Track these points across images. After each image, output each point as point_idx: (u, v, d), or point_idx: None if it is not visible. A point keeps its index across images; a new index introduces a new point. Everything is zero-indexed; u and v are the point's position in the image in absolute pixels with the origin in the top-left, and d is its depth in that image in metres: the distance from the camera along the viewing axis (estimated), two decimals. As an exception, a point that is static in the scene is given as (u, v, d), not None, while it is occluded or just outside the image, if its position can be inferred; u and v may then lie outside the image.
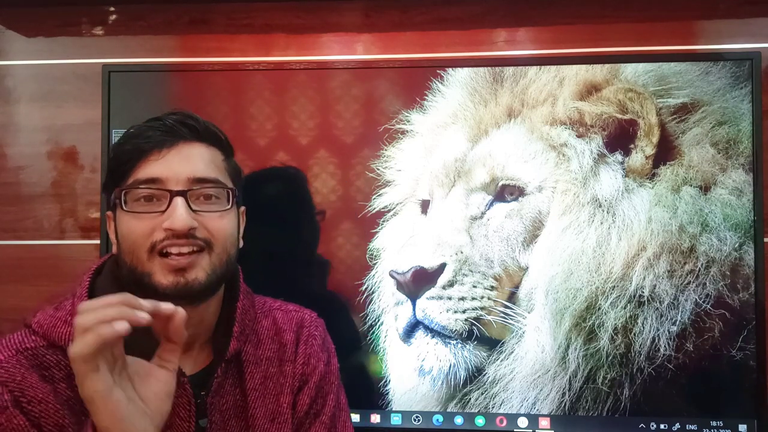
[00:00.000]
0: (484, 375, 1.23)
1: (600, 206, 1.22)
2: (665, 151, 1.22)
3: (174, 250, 0.76)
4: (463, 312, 1.22)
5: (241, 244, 0.87)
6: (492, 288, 1.22)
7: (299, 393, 0.90)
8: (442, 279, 1.22)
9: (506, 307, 1.22)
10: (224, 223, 0.81)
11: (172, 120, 0.81)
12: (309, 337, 0.93)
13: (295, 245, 1.30)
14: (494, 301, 1.22)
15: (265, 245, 1.23)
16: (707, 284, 1.20)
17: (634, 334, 1.20)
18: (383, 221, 1.27)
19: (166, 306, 0.68)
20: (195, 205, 0.78)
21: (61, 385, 0.75)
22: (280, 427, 0.87)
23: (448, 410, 1.25)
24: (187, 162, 0.79)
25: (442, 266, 1.23)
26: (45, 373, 0.75)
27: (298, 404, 0.89)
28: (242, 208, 0.89)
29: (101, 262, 0.86)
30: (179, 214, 0.75)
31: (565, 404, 1.22)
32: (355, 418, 1.25)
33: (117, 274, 0.82)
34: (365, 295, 1.27)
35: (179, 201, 0.76)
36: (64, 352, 0.76)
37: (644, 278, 1.20)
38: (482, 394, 1.23)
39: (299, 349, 0.92)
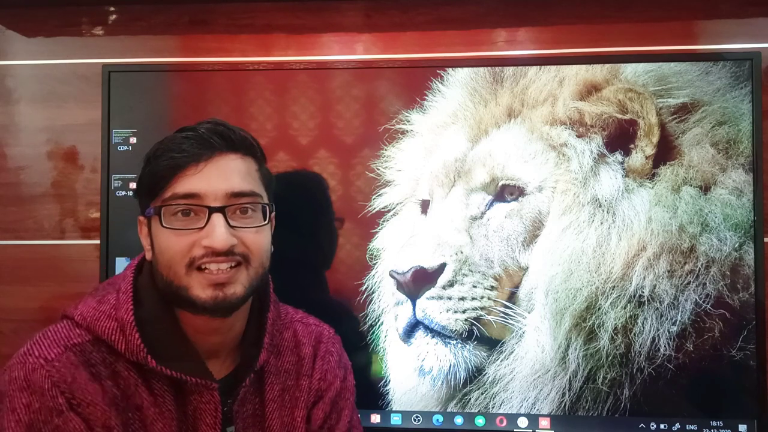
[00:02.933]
0: (484, 375, 1.23)
1: (600, 206, 1.21)
2: (665, 151, 1.21)
3: (213, 266, 0.76)
4: (463, 312, 1.22)
5: (272, 249, 0.87)
6: (492, 288, 1.22)
7: (314, 407, 0.90)
8: (442, 279, 1.22)
9: (506, 307, 1.22)
10: (261, 238, 0.81)
11: (205, 130, 0.80)
12: (326, 353, 0.94)
13: (311, 250, 1.30)
14: (494, 301, 1.22)
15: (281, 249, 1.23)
16: (707, 284, 1.20)
17: (634, 334, 1.20)
18: (383, 221, 1.27)
19: None
20: (232, 220, 0.78)
21: (107, 383, 0.75)
22: None
23: (448, 410, 1.25)
24: (225, 177, 0.79)
25: (442, 266, 1.23)
26: (93, 370, 0.75)
27: (312, 418, 0.90)
28: (272, 214, 0.88)
29: (140, 259, 0.85)
30: (219, 233, 0.75)
31: (565, 404, 1.22)
32: (355, 418, 1.25)
33: (155, 279, 0.82)
34: (365, 295, 1.27)
35: (218, 218, 0.76)
36: (108, 349, 0.77)
37: (644, 278, 1.20)
38: (482, 394, 1.23)
39: (316, 364, 0.92)
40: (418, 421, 1.26)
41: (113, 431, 0.74)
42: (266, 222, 0.82)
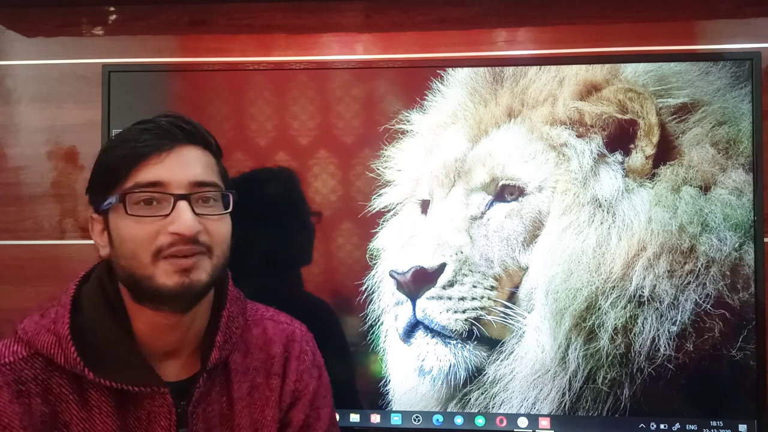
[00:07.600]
0: (484, 375, 1.23)
1: (600, 206, 1.22)
2: (665, 151, 1.22)
3: (179, 254, 0.76)
4: (463, 312, 1.22)
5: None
6: (492, 288, 1.22)
7: (292, 409, 0.89)
8: (442, 279, 1.22)
9: (506, 307, 1.22)
10: (222, 227, 0.81)
11: (165, 122, 0.80)
12: (301, 353, 0.92)
13: (289, 248, 1.30)
14: (494, 301, 1.22)
15: (261, 248, 1.24)
16: (707, 284, 1.20)
17: (634, 334, 1.20)
18: (383, 221, 1.27)
19: None
20: (197, 209, 0.78)
21: (35, 401, 0.75)
22: None
23: (448, 410, 1.25)
24: (188, 166, 0.79)
25: (442, 266, 1.23)
26: (21, 388, 0.75)
27: (293, 420, 0.89)
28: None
29: (89, 270, 0.86)
30: (186, 218, 0.75)
31: (565, 404, 1.22)
32: (355, 418, 1.25)
33: (104, 282, 0.82)
34: (365, 295, 1.27)
35: (184, 205, 0.76)
36: (44, 364, 0.77)
37: (644, 278, 1.20)
38: (482, 394, 1.23)
39: (291, 365, 0.91)
40: (418, 421, 1.26)
41: None
42: (229, 210, 0.82)
